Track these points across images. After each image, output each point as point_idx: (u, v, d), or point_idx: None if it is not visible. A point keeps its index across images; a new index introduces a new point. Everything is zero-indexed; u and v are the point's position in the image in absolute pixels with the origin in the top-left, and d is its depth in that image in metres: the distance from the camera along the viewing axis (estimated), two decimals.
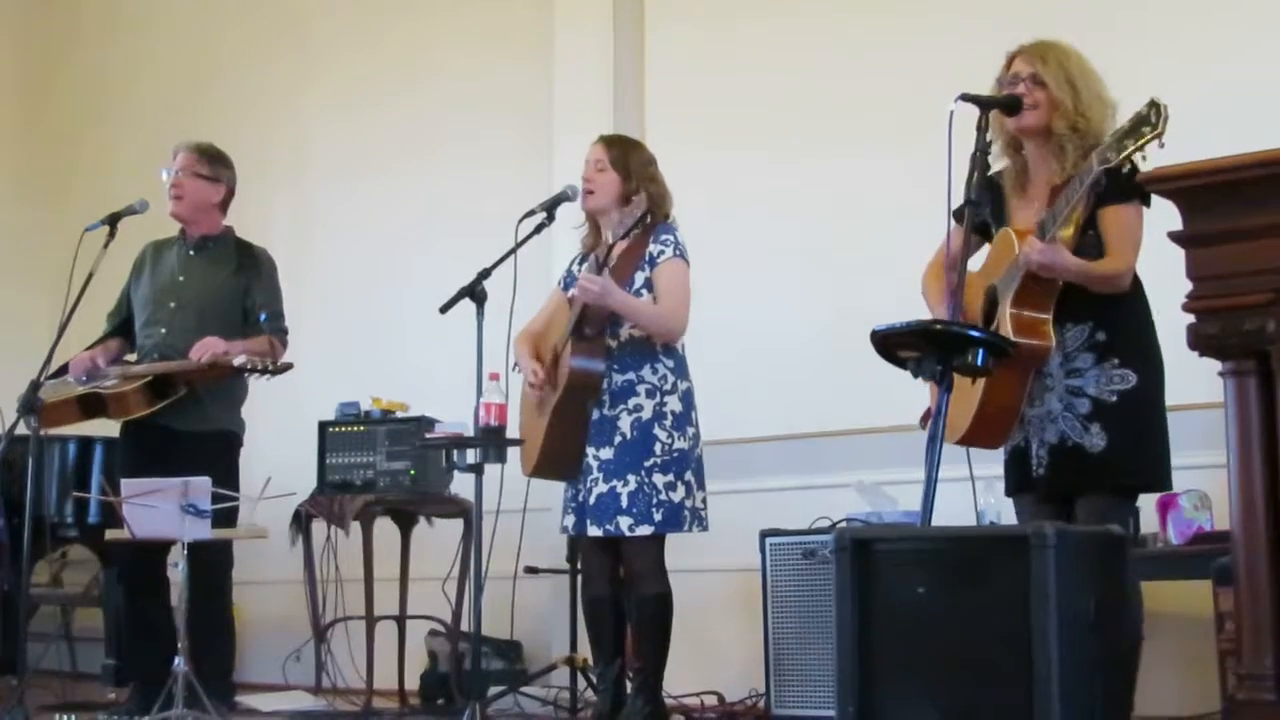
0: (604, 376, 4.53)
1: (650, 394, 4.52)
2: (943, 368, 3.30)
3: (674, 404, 4.53)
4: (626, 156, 4.66)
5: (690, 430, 4.57)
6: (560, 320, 4.65)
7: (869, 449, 5.39)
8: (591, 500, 4.50)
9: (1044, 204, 3.66)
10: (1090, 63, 3.74)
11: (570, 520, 4.64)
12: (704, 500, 4.57)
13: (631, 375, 4.54)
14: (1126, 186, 3.52)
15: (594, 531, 4.51)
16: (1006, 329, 3.56)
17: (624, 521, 4.45)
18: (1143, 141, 3.30)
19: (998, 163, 3.83)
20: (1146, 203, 3.57)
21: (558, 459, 4.61)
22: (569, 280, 4.76)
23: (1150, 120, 3.27)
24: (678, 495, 4.48)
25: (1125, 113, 3.56)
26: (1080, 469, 3.61)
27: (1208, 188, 2.74)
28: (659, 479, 4.47)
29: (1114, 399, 3.59)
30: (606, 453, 4.51)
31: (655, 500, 4.45)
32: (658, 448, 4.48)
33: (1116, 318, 3.63)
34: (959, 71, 3.92)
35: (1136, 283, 3.66)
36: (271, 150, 7.32)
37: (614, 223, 4.49)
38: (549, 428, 4.57)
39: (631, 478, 4.46)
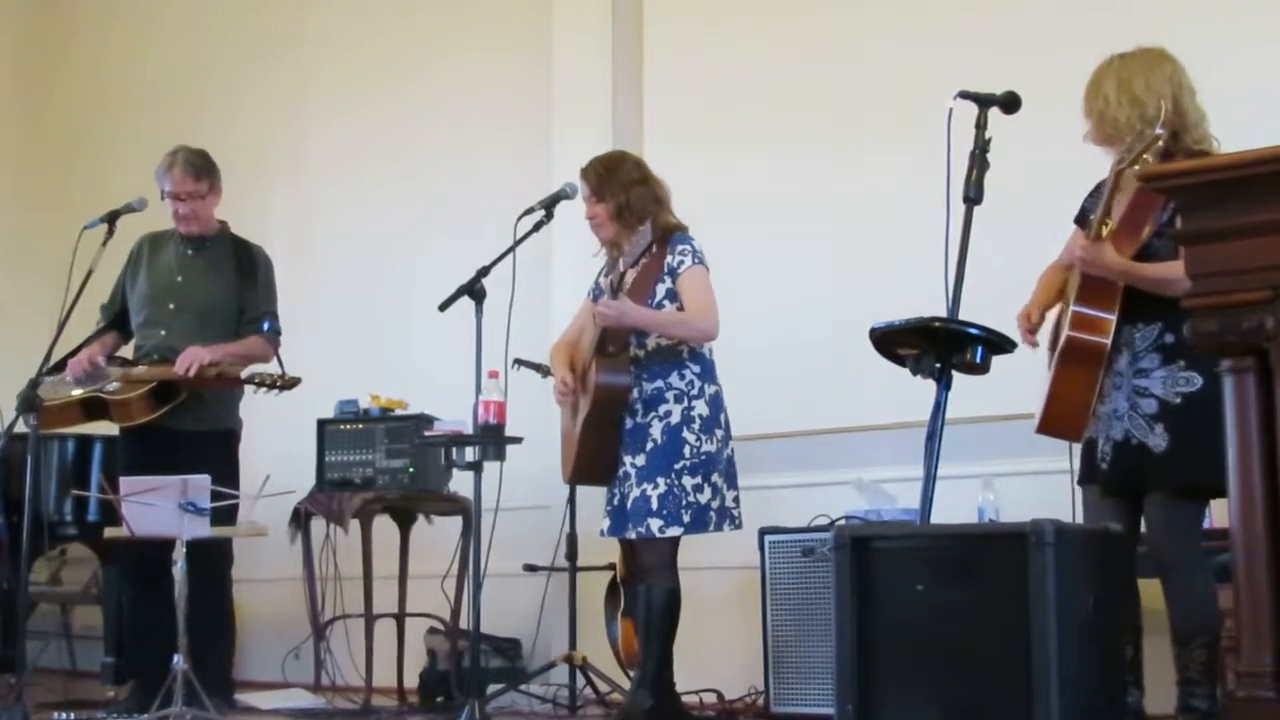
0: (629, 389, 4.60)
1: (678, 399, 4.59)
2: (941, 365, 3.31)
3: (701, 408, 4.59)
4: (602, 182, 4.71)
5: (719, 432, 4.62)
6: (590, 332, 4.69)
7: (868, 446, 5.39)
8: (629, 505, 4.58)
9: (1128, 199, 3.73)
10: (1136, 63, 3.78)
11: (606, 524, 4.72)
12: (736, 499, 4.63)
13: (660, 383, 4.60)
14: None
15: (630, 535, 4.60)
16: (1065, 323, 3.66)
17: (654, 523, 4.52)
18: (1145, 144, 3.41)
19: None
20: None
21: (593, 467, 4.70)
22: (596, 292, 4.81)
23: (1152, 121, 3.41)
24: (704, 497, 4.55)
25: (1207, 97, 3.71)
26: (1144, 467, 3.67)
27: (1205, 185, 2.73)
28: (688, 481, 4.54)
29: (1179, 400, 3.64)
30: (640, 459, 4.58)
31: (685, 502, 4.52)
32: (687, 450, 4.55)
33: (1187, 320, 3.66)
34: (960, 68, 3.93)
35: None
36: (270, 148, 7.32)
37: (625, 248, 4.53)
38: (581, 439, 4.66)
39: (661, 481, 4.53)
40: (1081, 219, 3.99)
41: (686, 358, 4.63)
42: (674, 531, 4.52)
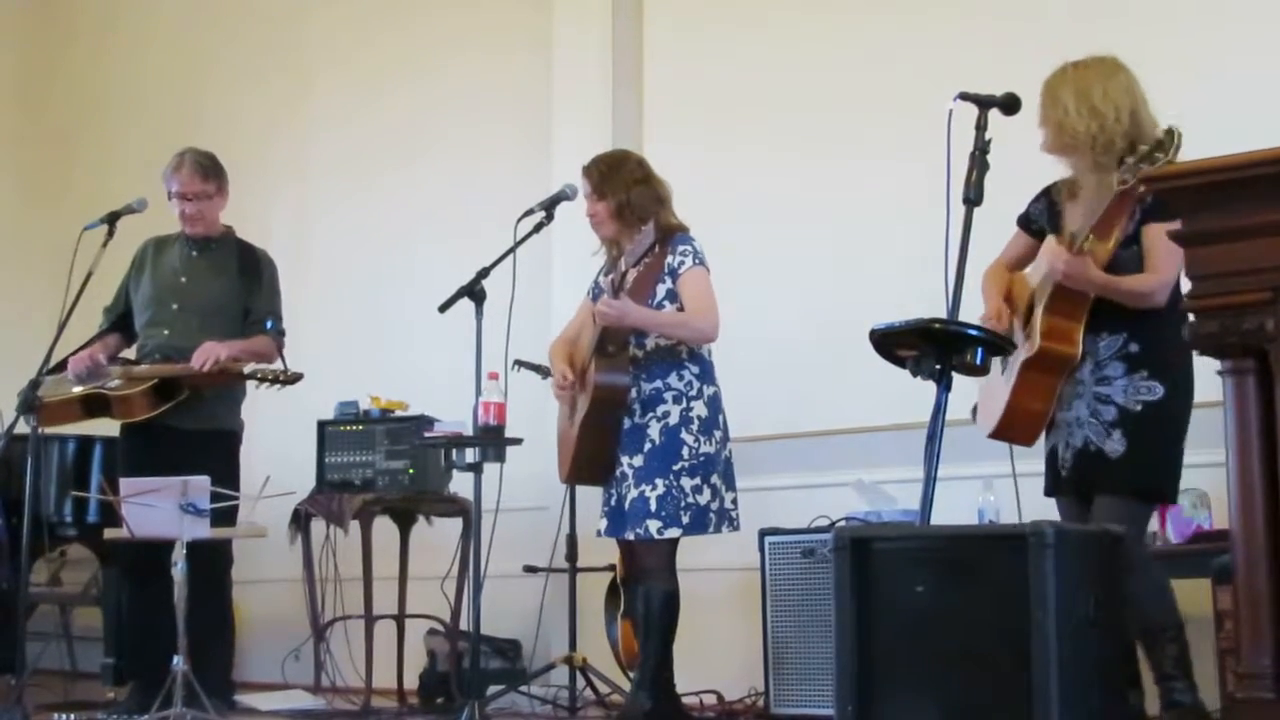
0: (629, 390, 4.59)
1: (677, 400, 4.59)
2: (941, 366, 3.31)
3: (700, 409, 4.59)
4: (604, 180, 4.71)
5: (717, 434, 4.62)
6: (589, 330, 4.68)
7: (868, 448, 5.39)
8: (626, 506, 4.57)
9: (1089, 211, 3.73)
10: (1092, 72, 3.79)
11: (604, 525, 4.71)
12: (734, 500, 4.64)
13: (659, 383, 4.60)
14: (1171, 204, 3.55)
15: (628, 536, 4.59)
16: (1037, 334, 3.69)
17: (653, 525, 4.51)
18: (1156, 167, 3.38)
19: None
20: None
21: (590, 467, 4.70)
22: (596, 291, 4.80)
23: (1164, 146, 3.40)
24: (704, 498, 4.54)
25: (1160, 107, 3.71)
26: (1098, 471, 3.71)
27: (1206, 187, 2.74)
28: (686, 482, 4.53)
29: (1139, 408, 3.69)
30: (638, 460, 4.58)
31: (683, 503, 4.52)
32: (685, 452, 4.54)
33: (1151, 331, 3.71)
34: (960, 69, 3.93)
35: (1176, 297, 3.70)
36: (271, 149, 7.32)
37: (627, 248, 4.53)
38: (579, 439, 4.65)
39: (660, 482, 4.52)
40: (1025, 222, 4.03)
41: (685, 358, 4.63)
42: (672, 533, 4.52)
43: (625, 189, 4.67)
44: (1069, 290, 3.69)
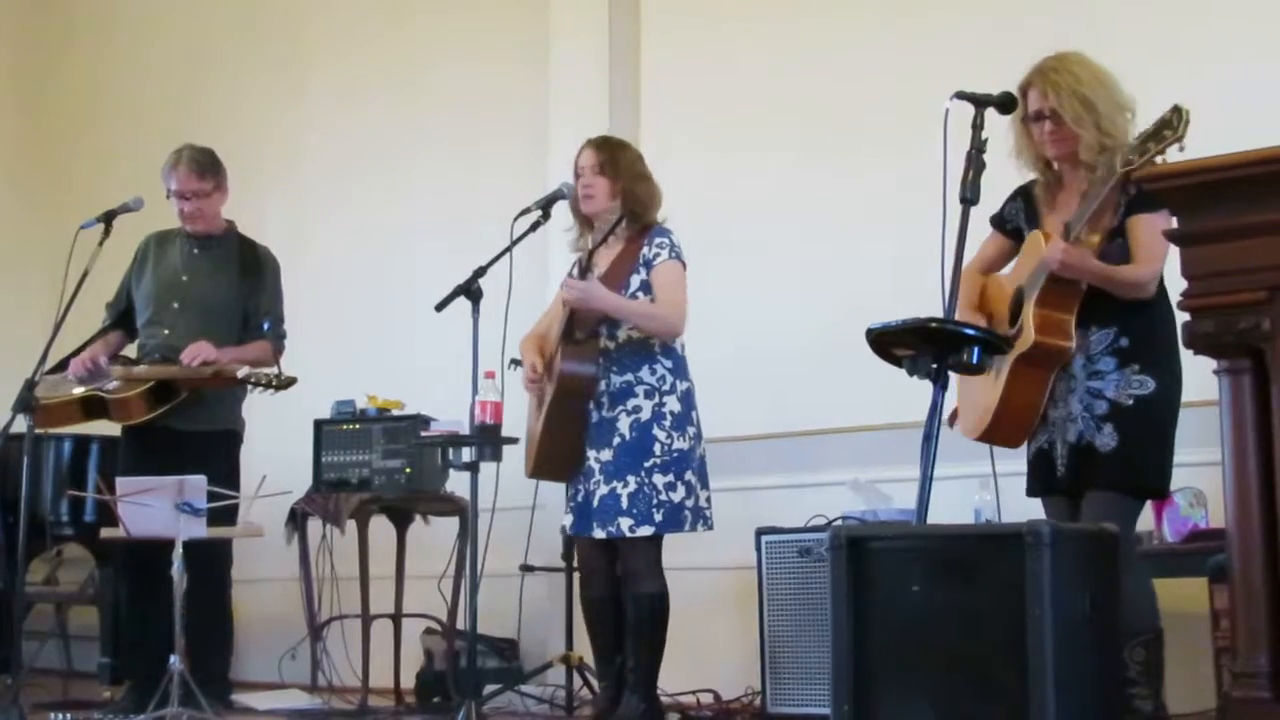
0: (595, 379, 4.53)
1: (649, 395, 4.53)
2: (937, 366, 3.31)
3: (673, 404, 4.54)
4: (615, 159, 4.68)
5: (691, 430, 4.57)
6: (560, 323, 4.66)
7: (864, 447, 5.39)
8: (595, 502, 4.51)
9: (1083, 202, 3.71)
10: (1101, 67, 3.77)
11: (569, 520, 4.64)
12: (708, 499, 4.58)
13: (630, 376, 4.54)
14: (1156, 196, 3.53)
15: (597, 533, 4.52)
16: (1030, 328, 3.64)
17: (625, 522, 4.45)
18: (1163, 145, 3.33)
19: (1009, 168, 3.88)
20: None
21: (555, 460, 4.63)
22: None
23: (1172, 124, 3.29)
24: (678, 495, 4.49)
25: (1143, 110, 3.65)
26: (1090, 466, 3.68)
27: (1202, 186, 2.74)
28: (659, 479, 4.47)
29: (1130, 403, 3.66)
30: (606, 454, 4.52)
31: (656, 501, 4.46)
32: (657, 448, 4.49)
33: (1141, 325, 3.70)
34: (957, 70, 3.92)
35: (1162, 290, 3.70)
36: (267, 149, 7.32)
37: (597, 225, 4.52)
38: (543, 430, 4.59)
39: (631, 479, 4.47)
40: (999, 223, 3.99)
41: (658, 352, 4.57)
42: (644, 531, 4.45)
43: (632, 179, 4.65)
44: (1061, 283, 3.64)
